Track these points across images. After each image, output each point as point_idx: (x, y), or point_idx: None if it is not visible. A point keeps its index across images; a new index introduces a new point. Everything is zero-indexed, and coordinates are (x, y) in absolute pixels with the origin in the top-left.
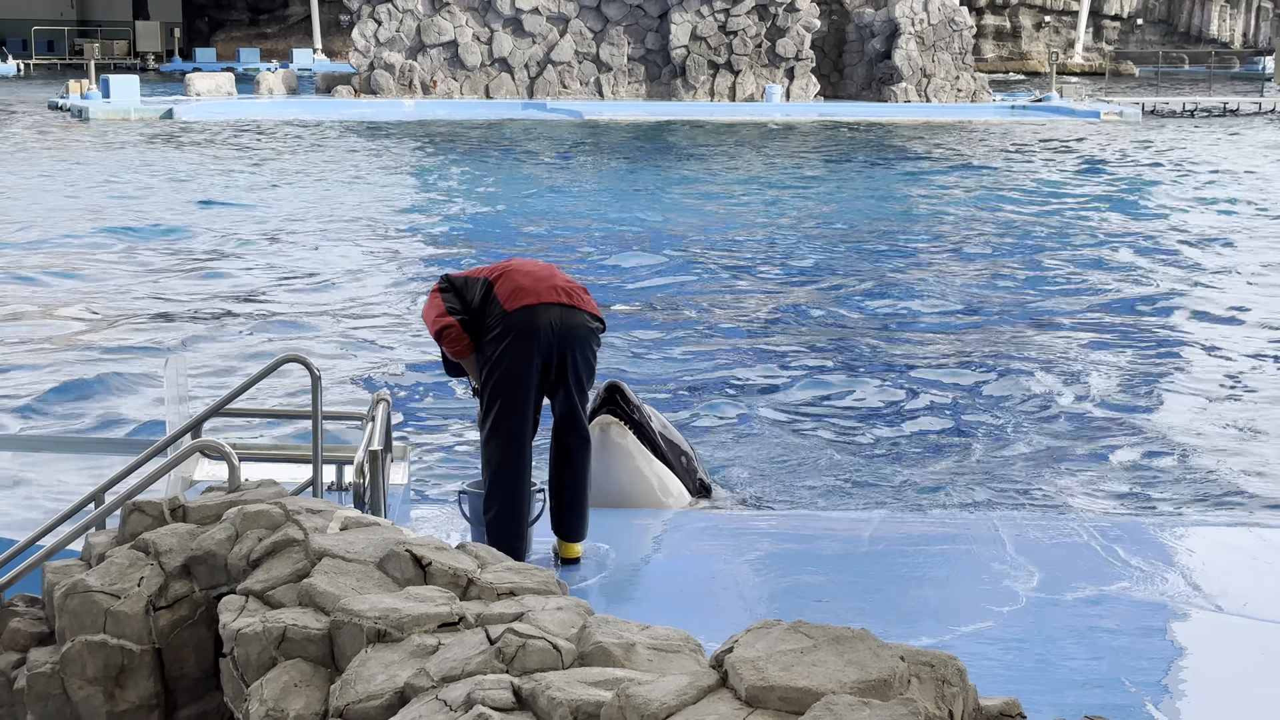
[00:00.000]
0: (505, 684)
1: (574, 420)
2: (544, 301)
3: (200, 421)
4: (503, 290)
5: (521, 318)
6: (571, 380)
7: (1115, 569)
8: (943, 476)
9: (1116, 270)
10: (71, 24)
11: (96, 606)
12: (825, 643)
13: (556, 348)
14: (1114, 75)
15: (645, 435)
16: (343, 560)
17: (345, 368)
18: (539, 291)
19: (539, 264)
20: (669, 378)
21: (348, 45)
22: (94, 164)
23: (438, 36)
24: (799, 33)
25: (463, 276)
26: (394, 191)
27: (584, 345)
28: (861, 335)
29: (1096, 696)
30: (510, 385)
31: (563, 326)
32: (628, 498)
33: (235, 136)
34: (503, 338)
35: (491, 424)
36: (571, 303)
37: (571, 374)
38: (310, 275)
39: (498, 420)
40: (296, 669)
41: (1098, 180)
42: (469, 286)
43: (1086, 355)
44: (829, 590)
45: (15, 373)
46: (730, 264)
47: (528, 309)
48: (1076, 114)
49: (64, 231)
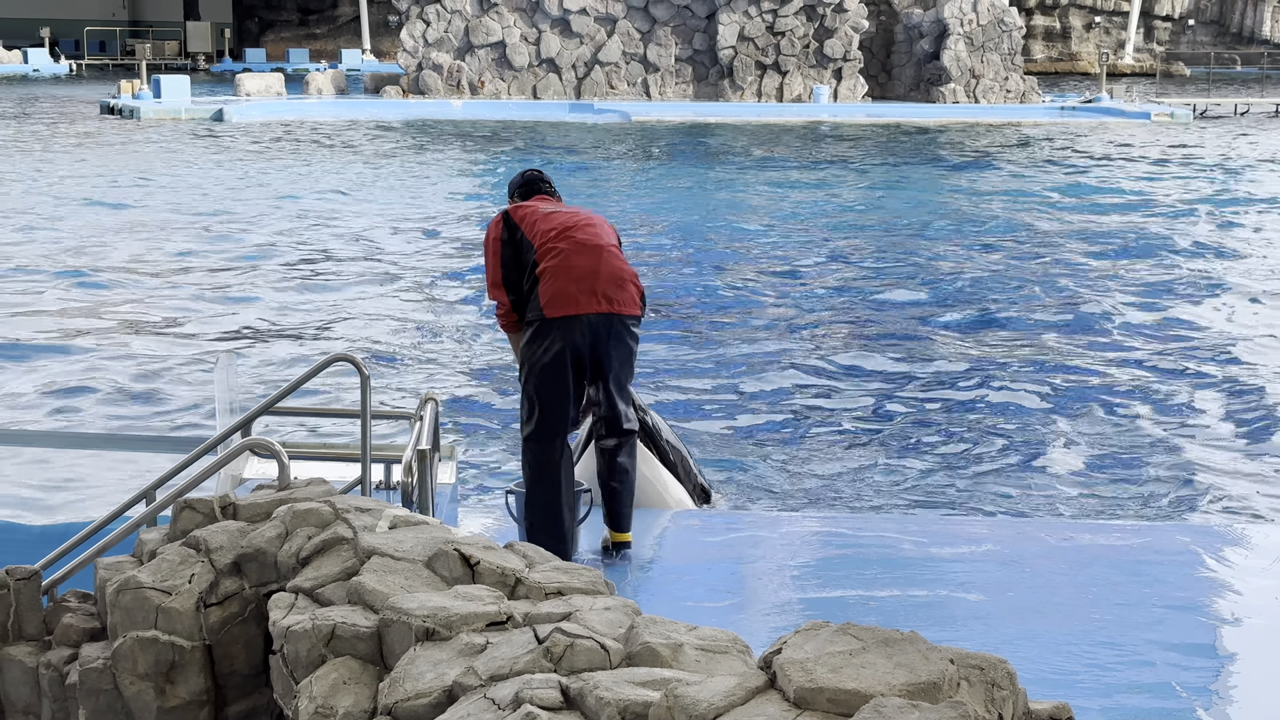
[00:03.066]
0: (553, 683)
1: (616, 419)
2: (583, 312)
3: (250, 420)
4: (546, 290)
5: (560, 326)
6: (612, 382)
7: (1165, 573)
8: (982, 480)
9: (1170, 272)
10: (123, 24)
11: (148, 603)
12: (874, 645)
13: (591, 354)
14: (1165, 76)
15: (653, 440)
16: (391, 559)
17: (394, 367)
18: (579, 300)
19: (589, 247)
20: (693, 376)
21: (396, 46)
22: (145, 162)
23: (486, 37)
24: (847, 33)
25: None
26: (443, 191)
27: (621, 345)
28: (901, 337)
29: (1146, 701)
30: (547, 389)
31: (600, 334)
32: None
33: (284, 136)
34: (540, 339)
35: (532, 427)
36: (611, 309)
37: (611, 376)
38: (360, 274)
39: (538, 424)
40: (345, 666)
41: (1149, 182)
42: (523, 249)
43: (1135, 359)
44: (874, 593)
45: (68, 370)
46: (770, 267)
47: (566, 320)
48: (1127, 115)
49: (112, 229)
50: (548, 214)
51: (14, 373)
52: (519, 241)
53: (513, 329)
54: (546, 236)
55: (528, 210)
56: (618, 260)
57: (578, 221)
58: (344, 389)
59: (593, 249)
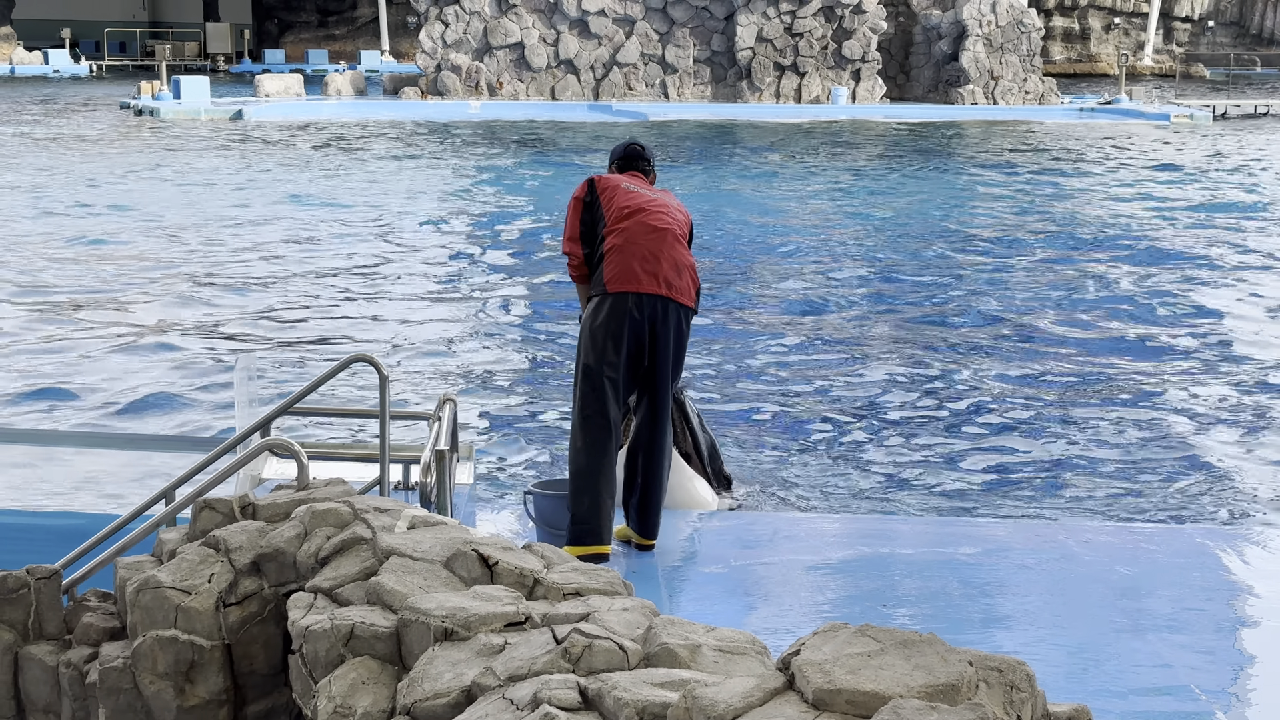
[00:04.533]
0: (571, 684)
1: (658, 414)
2: (644, 292)
3: (269, 420)
4: (611, 266)
5: (618, 302)
6: (659, 377)
7: (1185, 576)
8: (1005, 482)
9: (1192, 274)
10: (143, 26)
11: (168, 602)
12: (893, 646)
13: (650, 331)
14: (1184, 78)
15: (684, 416)
16: (410, 559)
17: (413, 368)
18: (642, 279)
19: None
20: (710, 375)
21: (415, 47)
22: (164, 163)
23: (504, 38)
24: (865, 34)
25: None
26: (462, 193)
27: (675, 331)
28: (923, 338)
29: (1166, 704)
30: (607, 358)
31: (658, 315)
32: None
33: (303, 137)
34: (599, 310)
35: (580, 402)
36: (669, 295)
37: (661, 360)
38: (379, 275)
39: (586, 398)
40: (364, 666)
41: (1172, 183)
42: (597, 218)
43: (1158, 362)
44: (893, 594)
45: (90, 370)
46: (787, 268)
47: (624, 296)
48: (1146, 116)
49: (138, 229)
50: (629, 191)
51: (35, 371)
52: (596, 208)
53: (583, 280)
54: (621, 213)
55: (613, 183)
56: (680, 248)
57: (653, 205)
58: (363, 390)
59: (659, 233)
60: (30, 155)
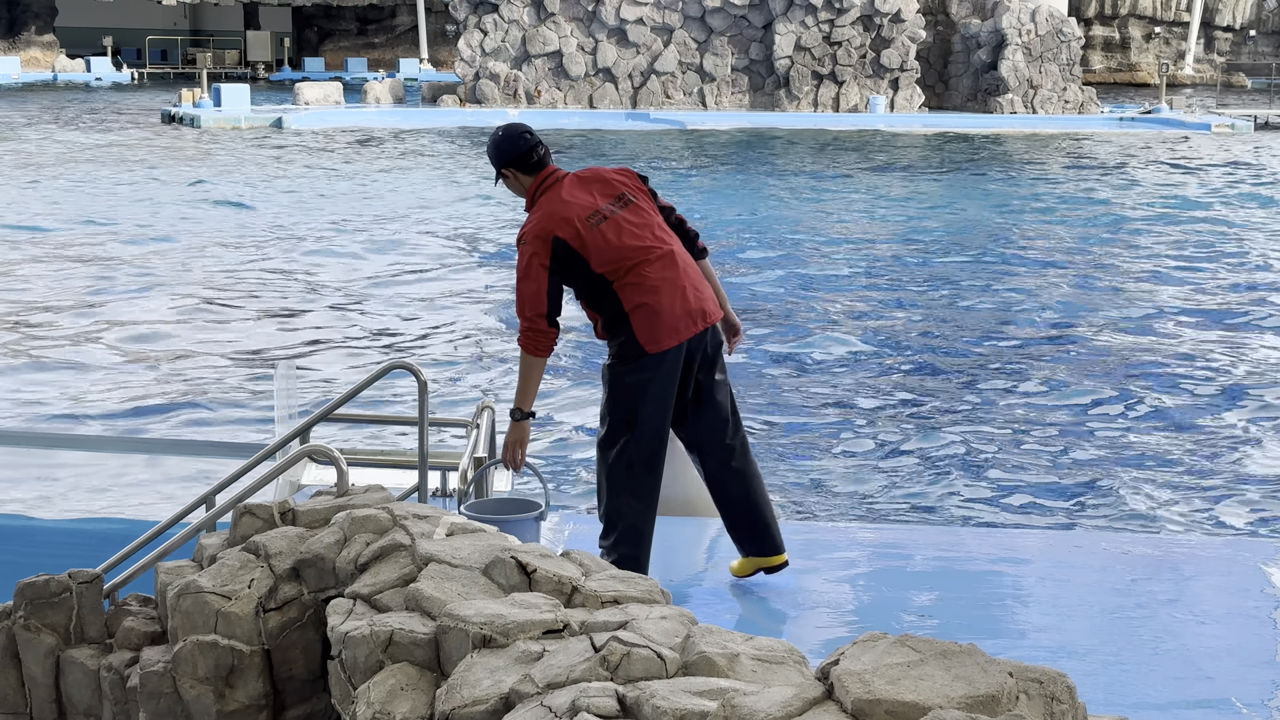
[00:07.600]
0: (610, 692)
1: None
2: (686, 339)
3: (309, 427)
4: (641, 325)
5: (668, 361)
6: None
7: (1226, 588)
8: (1036, 492)
9: (1228, 284)
10: (184, 34)
11: (208, 607)
12: (932, 657)
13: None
14: (1225, 87)
15: None
16: (449, 566)
17: (451, 375)
18: (678, 326)
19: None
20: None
21: (453, 55)
22: (203, 168)
23: (542, 46)
24: (904, 43)
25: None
26: (498, 201)
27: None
28: (953, 347)
29: (1206, 716)
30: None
31: (705, 354)
32: (693, 507)
33: (342, 145)
34: (642, 371)
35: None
36: (708, 321)
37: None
38: (418, 282)
39: (628, 446)
40: (403, 672)
41: (1209, 193)
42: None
43: (1194, 372)
44: (926, 605)
45: (129, 375)
46: (822, 272)
47: (672, 353)
48: (1186, 126)
49: (170, 234)
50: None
51: (76, 378)
52: (575, 268)
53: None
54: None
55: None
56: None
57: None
58: (401, 397)
59: (666, 260)
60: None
